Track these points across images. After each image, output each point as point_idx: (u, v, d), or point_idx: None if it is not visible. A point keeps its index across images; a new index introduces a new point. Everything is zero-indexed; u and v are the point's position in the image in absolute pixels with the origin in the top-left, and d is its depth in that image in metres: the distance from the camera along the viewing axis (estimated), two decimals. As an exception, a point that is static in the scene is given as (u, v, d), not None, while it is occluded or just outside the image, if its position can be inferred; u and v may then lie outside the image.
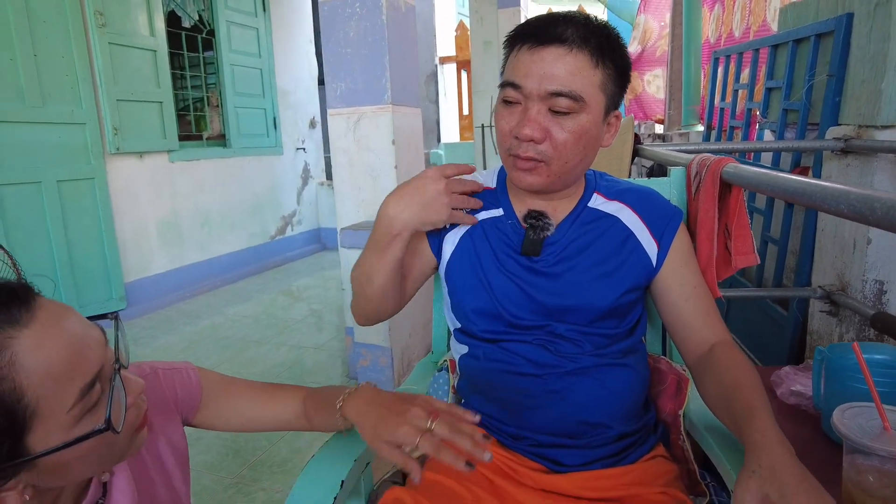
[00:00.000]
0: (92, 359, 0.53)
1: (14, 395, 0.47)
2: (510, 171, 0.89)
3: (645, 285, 0.93)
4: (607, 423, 0.88)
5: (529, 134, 0.81)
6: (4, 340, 0.47)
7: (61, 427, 0.50)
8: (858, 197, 0.58)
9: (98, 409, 0.53)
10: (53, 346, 0.50)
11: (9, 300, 0.50)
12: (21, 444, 0.48)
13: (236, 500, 1.73)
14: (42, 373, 0.48)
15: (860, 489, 0.75)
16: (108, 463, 0.59)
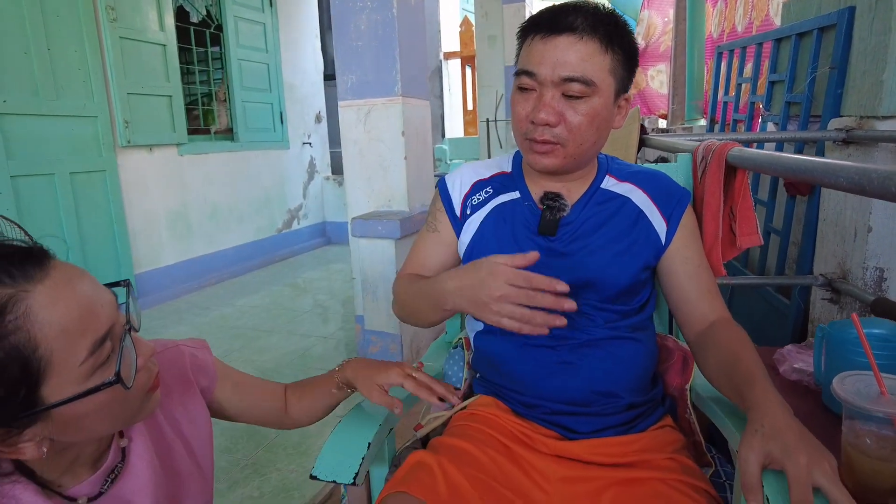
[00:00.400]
0: (103, 316, 0.56)
1: (29, 345, 0.50)
2: (527, 155, 0.93)
3: (655, 264, 0.98)
4: (617, 393, 0.92)
5: (545, 118, 0.85)
6: (20, 294, 0.51)
7: (74, 380, 0.53)
8: (856, 170, 0.63)
9: (109, 365, 0.56)
10: (66, 302, 0.53)
11: (24, 258, 0.53)
12: (36, 395, 0.52)
13: (252, 479, 1.77)
14: (55, 326, 0.52)
15: (858, 451, 0.79)
16: (122, 421, 0.62)
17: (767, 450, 0.65)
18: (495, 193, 1.01)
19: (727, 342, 0.87)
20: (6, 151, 2.87)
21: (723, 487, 0.93)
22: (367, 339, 2.43)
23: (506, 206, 1.00)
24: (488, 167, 1.06)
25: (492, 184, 1.03)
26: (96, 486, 0.64)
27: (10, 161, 2.89)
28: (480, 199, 1.02)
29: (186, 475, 0.75)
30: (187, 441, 0.77)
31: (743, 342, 0.85)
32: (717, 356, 0.86)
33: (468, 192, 1.03)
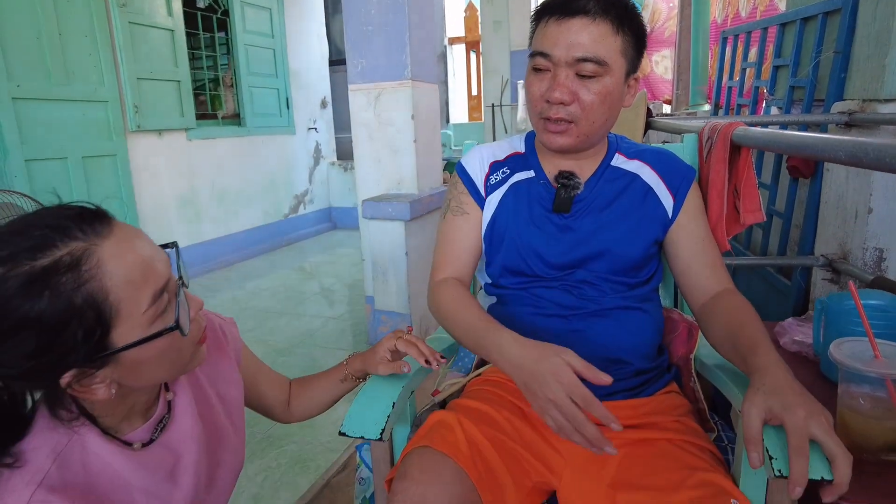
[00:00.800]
0: (160, 270, 0.62)
1: (101, 293, 0.56)
2: (541, 134, 0.98)
3: (663, 238, 1.02)
4: (626, 360, 0.97)
5: (560, 97, 0.90)
6: (91, 248, 0.56)
7: (138, 326, 0.59)
8: (854, 143, 0.67)
9: (167, 315, 0.62)
10: (130, 255, 0.59)
11: (93, 217, 0.59)
12: (108, 339, 0.57)
13: (268, 451, 1.84)
14: (122, 277, 0.57)
15: (852, 411, 0.85)
16: (176, 369, 0.67)
17: (768, 405, 0.70)
18: (511, 173, 1.06)
19: (732, 311, 0.91)
20: (20, 136, 2.92)
21: (724, 451, 0.98)
22: (377, 318, 2.49)
23: (521, 185, 1.04)
24: (502, 149, 1.10)
25: (507, 164, 1.07)
26: (147, 434, 0.70)
27: (24, 145, 2.94)
28: (498, 178, 1.06)
29: (223, 431, 0.81)
30: (223, 400, 0.83)
31: (747, 311, 0.90)
32: (722, 325, 0.91)
33: (487, 173, 1.07)
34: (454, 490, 0.77)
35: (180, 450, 0.73)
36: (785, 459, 0.70)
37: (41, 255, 0.54)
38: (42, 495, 0.57)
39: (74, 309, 0.54)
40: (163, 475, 0.70)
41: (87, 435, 0.63)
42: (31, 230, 0.56)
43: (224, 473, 0.81)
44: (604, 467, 0.87)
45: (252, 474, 1.71)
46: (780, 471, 0.69)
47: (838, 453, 0.66)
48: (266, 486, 1.66)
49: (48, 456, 0.60)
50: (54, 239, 0.55)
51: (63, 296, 0.54)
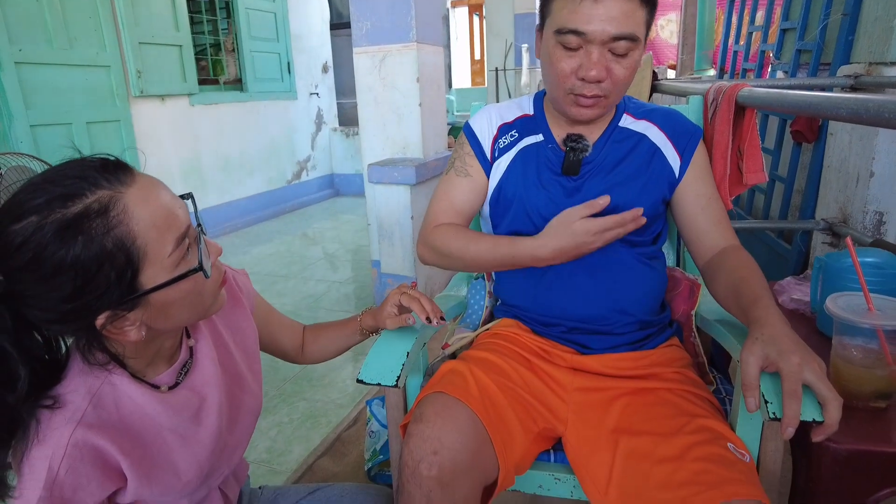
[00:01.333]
0: (182, 217, 0.65)
1: (129, 237, 0.59)
2: (568, 107, 0.97)
3: (670, 197, 1.05)
4: (630, 312, 1.01)
5: (597, 75, 0.90)
6: (117, 195, 0.59)
7: (164, 269, 0.62)
8: (855, 101, 0.69)
9: (190, 259, 0.65)
10: (153, 201, 0.62)
11: (115, 167, 0.62)
12: (137, 281, 0.61)
13: (280, 408, 1.91)
14: (148, 221, 0.60)
15: (845, 361, 0.89)
16: (199, 312, 0.71)
17: (765, 353, 0.74)
18: (520, 136, 1.06)
19: (735, 267, 0.94)
20: (24, 101, 2.92)
21: (722, 402, 1.03)
22: (383, 282, 2.53)
23: (530, 149, 1.05)
24: (511, 109, 1.11)
25: (516, 127, 1.08)
26: (172, 378, 0.74)
27: (29, 111, 2.94)
28: (507, 142, 1.07)
29: (242, 376, 0.85)
30: (240, 347, 0.87)
31: (750, 267, 0.93)
32: (726, 280, 0.94)
33: (496, 135, 1.08)
34: (468, 432, 0.81)
35: (204, 392, 0.77)
36: (779, 403, 0.74)
37: (71, 203, 0.57)
38: (81, 432, 0.62)
39: (106, 252, 0.58)
40: (189, 416, 0.74)
41: (118, 379, 0.67)
42: (60, 180, 0.58)
43: (244, 416, 0.85)
44: (607, 414, 0.92)
45: (265, 428, 1.77)
46: (775, 413, 0.74)
47: (830, 397, 0.69)
48: (279, 439, 1.73)
49: (84, 397, 0.64)
50: (82, 188, 0.58)
51: (95, 240, 0.57)
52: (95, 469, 0.63)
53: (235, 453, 0.85)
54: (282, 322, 1.00)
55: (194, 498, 0.77)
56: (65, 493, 0.60)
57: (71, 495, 0.61)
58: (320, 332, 1.03)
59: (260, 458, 1.64)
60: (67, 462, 0.60)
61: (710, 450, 0.80)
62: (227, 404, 0.80)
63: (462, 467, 0.79)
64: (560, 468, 0.94)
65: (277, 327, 0.99)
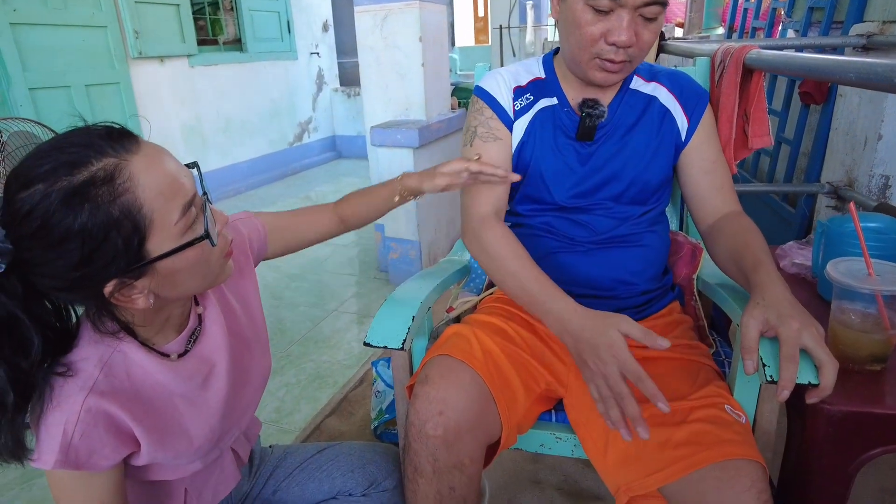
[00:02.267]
0: (187, 184, 0.65)
1: (136, 204, 0.59)
2: (592, 71, 0.94)
3: (676, 161, 1.04)
4: (635, 282, 1.02)
5: (627, 40, 0.87)
6: (122, 163, 0.59)
7: (171, 237, 0.62)
8: (863, 64, 0.69)
9: (196, 227, 0.65)
10: (159, 169, 0.62)
11: (120, 135, 0.62)
12: (144, 249, 0.61)
13: (287, 369, 1.95)
14: (154, 189, 0.60)
15: (843, 325, 0.90)
16: (207, 281, 0.71)
17: (765, 317, 0.75)
18: (536, 99, 1.04)
19: (737, 232, 0.94)
20: (22, 63, 2.88)
21: (721, 365, 1.05)
22: (387, 245, 2.54)
23: (546, 112, 1.04)
24: (521, 73, 1.08)
25: (530, 90, 1.06)
26: (182, 346, 0.75)
27: (26, 73, 2.91)
28: (523, 104, 1.05)
29: (250, 340, 0.87)
30: (247, 313, 0.88)
31: (752, 232, 0.93)
32: (727, 245, 0.95)
33: (512, 97, 1.06)
34: (472, 393, 0.84)
35: (213, 359, 0.78)
36: (776, 367, 0.75)
37: (77, 171, 0.57)
38: (94, 400, 0.63)
39: (113, 220, 0.58)
40: (198, 382, 0.76)
41: (128, 347, 0.69)
42: (66, 148, 0.59)
43: (253, 379, 0.87)
44: (607, 378, 0.94)
45: (273, 389, 1.82)
46: (772, 377, 0.75)
47: (826, 361, 0.71)
48: (287, 399, 1.77)
49: (96, 365, 0.66)
50: (88, 155, 0.58)
51: (102, 208, 0.57)
52: (109, 434, 0.65)
53: (245, 415, 0.87)
54: (307, 221, 1.00)
55: (207, 459, 0.80)
56: (80, 456, 0.63)
57: (86, 458, 0.63)
58: (357, 200, 1.03)
59: (269, 417, 1.68)
60: (81, 427, 0.62)
61: (708, 412, 0.82)
62: (235, 369, 0.82)
63: (466, 427, 0.81)
64: (561, 427, 0.97)
65: (305, 226, 0.99)
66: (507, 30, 4.74)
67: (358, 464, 0.98)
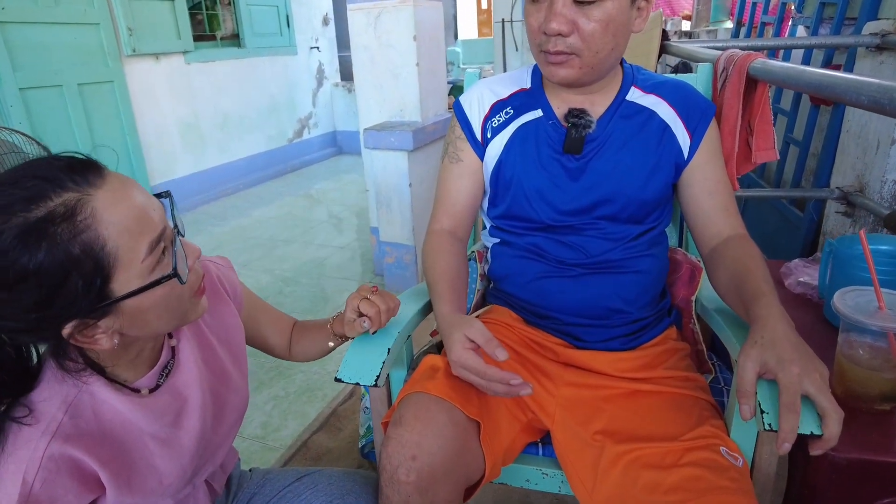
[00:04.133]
0: (156, 219, 0.61)
1: (98, 242, 0.55)
2: (543, 67, 0.91)
3: (677, 179, 0.98)
4: (628, 310, 0.96)
5: (556, 28, 0.82)
6: (85, 198, 0.55)
7: (137, 275, 0.59)
8: (878, 87, 0.62)
9: (165, 263, 0.61)
10: (125, 204, 0.58)
11: (84, 167, 0.58)
12: (108, 288, 0.57)
13: (277, 381, 1.90)
14: (118, 225, 0.57)
15: (851, 361, 0.84)
16: (176, 319, 0.67)
17: (763, 359, 0.69)
18: (517, 114, 0.99)
19: (739, 258, 0.89)
20: (11, 62, 2.83)
21: (721, 392, 0.99)
22: (382, 250, 2.49)
23: (529, 126, 0.98)
24: (505, 84, 1.03)
25: (511, 103, 1.01)
26: (153, 380, 0.71)
27: (16, 73, 2.86)
28: (501, 120, 1.00)
29: (227, 374, 0.83)
30: (225, 344, 0.84)
31: (754, 258, 0.87)
32: (728, 271, 0.89)
33: (487, 114, 1.01)
34: (448, 433, 0.78)
35: (186, 393, 0.74)
36: (776, 414, 0.70)
37: (35, 207, 0.53)
38: (57, 446, 0.59)
39: (72, 259, 0.54)
40: (170, 419, 0.72)
41: (95, 384, 0.65)
42: (23, 181, 0.55)
43: (229, 414, 0.83)
44: (596, 414, 0.88)
45: (261, 403, 1.77)
46: (770, 425, 0.70)
47: (830, 410, 0.65)
48: (275, 414, 1.73)
49: (59, 407, 0.62)
50: (47, 190, 0.54)
51: (60, 246, 0.54)
52: (72, 480, 0.61)
53: (220, 451, 0.83)
54: (270, 317, 0.96)
55: (178, 496, 0.76)
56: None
57: None
58: (304, 333, 0.98)
59: (255, 433, 1.64)
60: (42, 475, 0.58)
61: (702, 455, 0.77)
62: (210, 404, 0.78)
63: (442, 471, 0.76)
64: (547, 462, 0.92)
65: (266, 324, 0.95)
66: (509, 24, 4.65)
67: (337, 493, 0.93)
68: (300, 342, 0.97)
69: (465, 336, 0.80)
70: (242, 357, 0.87)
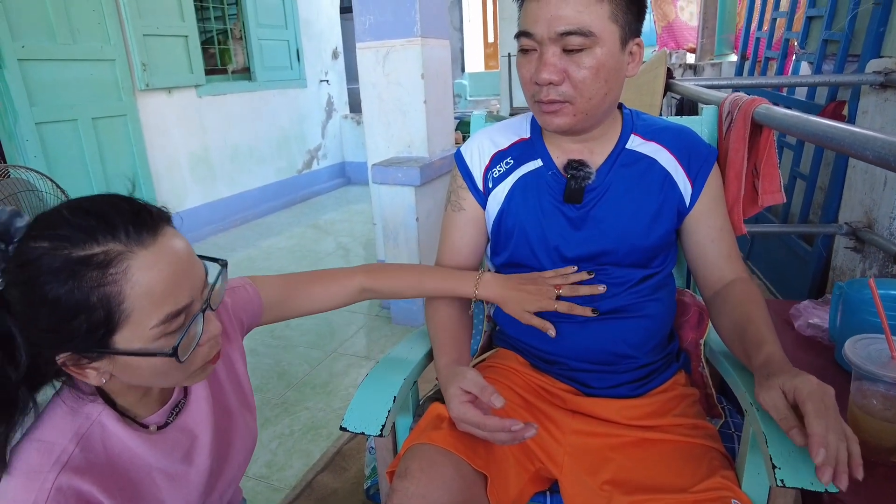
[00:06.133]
0: (185, 291, 0.61)
1: (118, 298, 0.57)
2: (538, 117, 0.92)
3: (679, 226, 0.98)
4: (635, 356, 0.95)
5: (547, 77, 0.83)
6: (126, 254, 0.57)
7: (142, 338, 0.59)
8: (883, 143, 0.62)
9: (174, 336, 0.61)
10: (160, 272, 0.59)
11: (142, 222, 0.59)
12: (110, 339, 0.58)
13: (282, 418, 1.88)
14: (144, 289, 0.57)
15: (864, 411, 0.83)
16: (175, 382, 0.68)
17: (780, 384, 0.68)
18: (517, 164, 1.00)
19: (741, 303, 0.88)
20: (29, 98, 2.90)
21: (731, 438, 0.97)
22: (388, 283, 2.49)
23: (529, 177, 0.98)
24: (505, 134, 1.04)
25: (511, 153, 1.01)
26: (163, 418, 0.72)
27: (33, 108, 2.92)
28: (502, 171, 1.00)
29: (235, 411, 0.83)
30: (234, 383, 0.84)
31: (756, 303, 0.87)
32: (730, 317, 0.88)
33: (488, 165, 1.02)
34: (455, 487, 0.77)
35: (196, 432, 0.75)
36: (790, 468, 0.68)
37: (80, 247, 0.56)
38: (66, 477, 0.59)
39: (87, 304, 0.56)
40: (179, 456, 0.72)
41: (106, 418, 0.65)
42: (87, 215, 0.57)
43: (237, 454, 0.83)
44: (605, 463, 0.87)
45: (266, 441, 1.75)
46: (783, 481, 0.68)
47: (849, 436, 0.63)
48: (280, 452, 1.71)
49: (71, 440, 0.62)
50: (98, 233, 0.56)
51: (83, 289, 0.55)
52: None
53: (228, 491, 0.83)
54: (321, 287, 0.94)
55: None
56: None
57: None
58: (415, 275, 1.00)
59: (259, 472, 1.62)
60: None
61: None
62: (220, 443, 0.78)
63: None
64: (556, 513, 0.90)
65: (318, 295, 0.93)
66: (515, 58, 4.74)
67: None
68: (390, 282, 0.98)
69: (460, 390, 0.80)
70: (250, 396, 0.87)
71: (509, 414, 0.91)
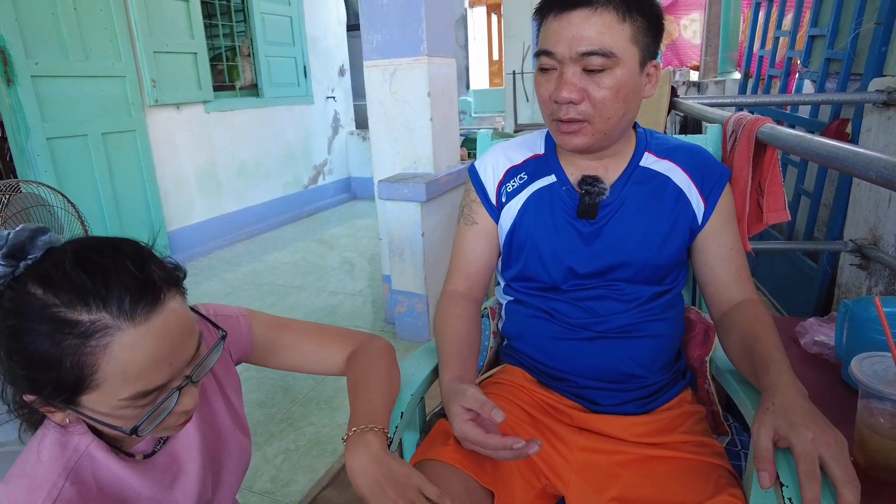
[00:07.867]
0: (163, 373, 0.60)
1: (92, 368, 0.56)
2: (556, 136, 0.93)
3: (690, 244, 0.98)
4: (643, 375, 0.95)
5: (567, 96, 0.85)
6: (112, 329, 0.56)
7: (108, 406, 0.59)
8: (886, 164, 0.63)
9: (145, 409, 0.61)
10: (141, 353, 0.57)
11: (142, 296, 0.57)
12: (76, 397, 0.58)
13: (287, 433, 1.88)
14: (119, 367, 0.57)
15: (872, 430, 0.82)
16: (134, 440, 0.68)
17: (776, 425, 0.68)
18: (531, 179, 1.01)
19: (749, 324, 0.88)
20: (41, 114, 2.94)
21: (738, 456, 0.97)
22: (394, 298, 2.50)
23: (543, 192, 0.99)
24: (520, 150, 1.05)
25: (525, 169, 1.02)
26: (150, 446, 0.71)
27: (45, 123, 2.96)
28: (515, 185, 1.01)
29: (227, 434, 0.82)
30: (228, 404, 0.83)
31: (765, 324, 0.87)
32: (738, 338, 0.88)
33: (501, 179, 1.03)
34: (461, 502, 0.77)
35: (183, 457, 0.74)
36: (796, 487, 0.68)
37: (70, 307, 0.55)
38: None
39: (60, 365, 0.55)
40: (167, 483, 0.72)
41: (94, 450, 0.65)
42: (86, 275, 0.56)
43: (228, 475, 0.82)
44: (610, 481, 0.87)
45: (271, 456, 1.75)
46: (791, 500, 0.68)
47: (843, 479, 0.62)
48: (284, 468, 1.71)
49: (61, 474, 0.62)
50: (90, 300, 0.55)
51: (59, 349, 0.55)
52: None
53: None
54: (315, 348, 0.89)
55: None
56: None
57: None
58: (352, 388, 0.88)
59: (264, 487, 1.62)
60: None
61: None
62: (209, 467, 0.77)
63: None
64: (563, 530, 0.90)
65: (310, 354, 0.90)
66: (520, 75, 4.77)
67: None
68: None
69: (462, 408, 0.80)
70: (243, 416, 0.86)
71: (515, 430, 0.91)
